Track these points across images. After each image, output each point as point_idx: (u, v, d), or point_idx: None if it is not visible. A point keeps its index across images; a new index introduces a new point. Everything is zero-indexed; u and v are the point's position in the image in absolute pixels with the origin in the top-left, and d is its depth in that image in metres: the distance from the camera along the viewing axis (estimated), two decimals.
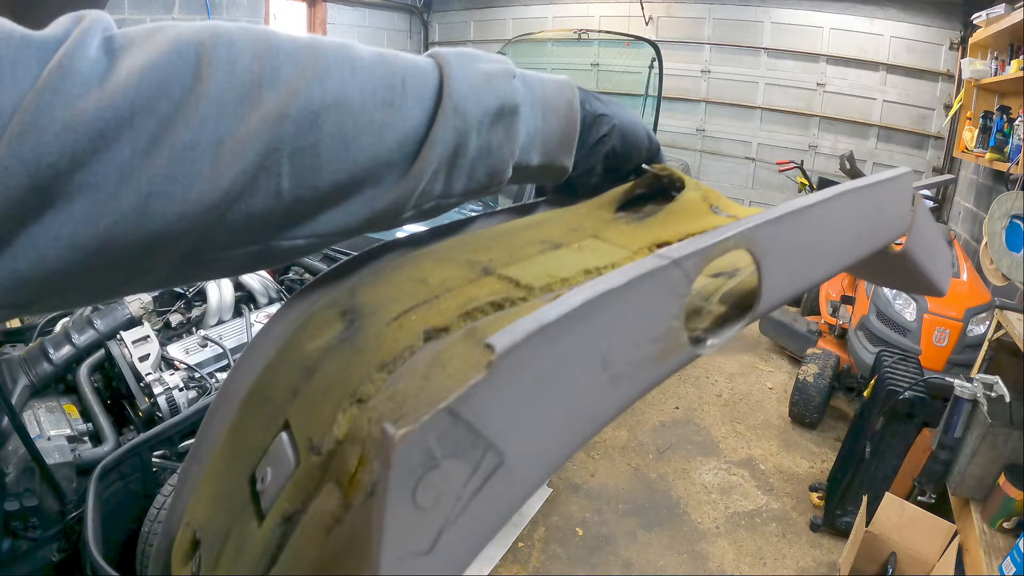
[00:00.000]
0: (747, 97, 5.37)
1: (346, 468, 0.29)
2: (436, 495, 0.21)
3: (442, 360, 0.30)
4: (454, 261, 0.40)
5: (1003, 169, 2.97)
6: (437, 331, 0.33)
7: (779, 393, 3.30)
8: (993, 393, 1.76)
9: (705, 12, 5.37)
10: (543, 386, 0.23)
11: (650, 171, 0.51)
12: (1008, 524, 1.70)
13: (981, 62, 3.50)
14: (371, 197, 0.35)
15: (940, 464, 1.94)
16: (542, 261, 0.40)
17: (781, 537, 2.32)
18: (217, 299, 1.96)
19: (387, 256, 0.44)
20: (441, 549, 0.22)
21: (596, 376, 0.25)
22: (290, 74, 0.30)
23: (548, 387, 0.23)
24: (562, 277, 0.37)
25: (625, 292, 0.25)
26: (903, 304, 2.74)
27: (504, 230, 0.46)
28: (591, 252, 0.42)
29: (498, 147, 0.39)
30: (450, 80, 0.36)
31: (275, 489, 0.33)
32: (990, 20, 3.39)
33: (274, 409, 0.36)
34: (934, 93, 4.68)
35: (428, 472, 0.20)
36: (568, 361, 0.24)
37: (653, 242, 0.43)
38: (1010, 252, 2.21)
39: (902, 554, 1.93)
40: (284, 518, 0.31)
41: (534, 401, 0.23)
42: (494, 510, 0.23)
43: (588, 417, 0.25)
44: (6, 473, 1.34)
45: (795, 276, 0.35)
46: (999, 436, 1.75)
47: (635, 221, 0.47)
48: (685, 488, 2.56)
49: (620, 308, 0.25)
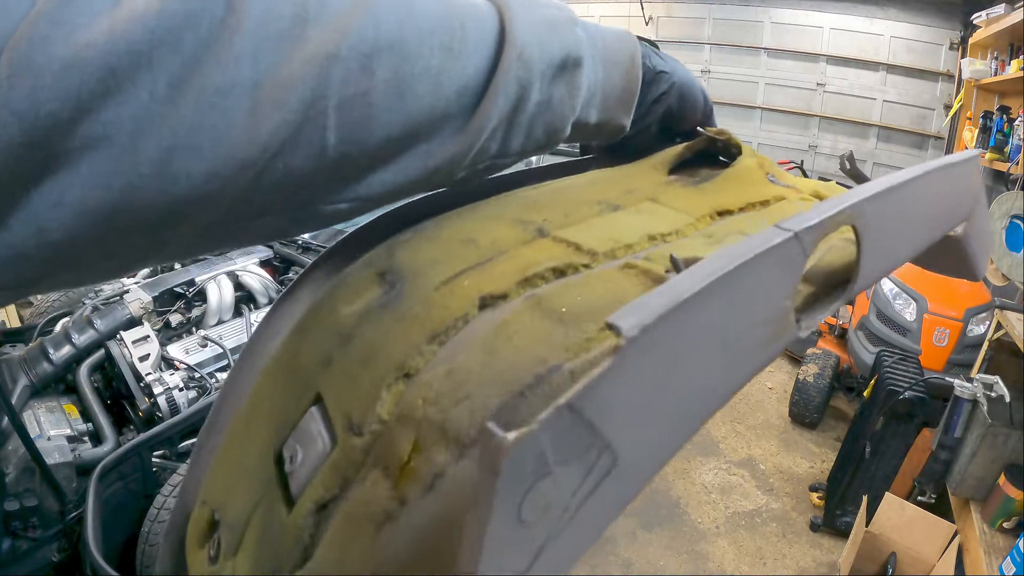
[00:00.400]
0: (747, 97, 5.37)
1: (395, 454, 0.26)
2: (544, 507, 0.17)
3: (507, 332, 0.27)
4: (503, 220, 0.37)
5: (1003, 169, 2.97)
6: (494, 298, 0.30)
7: (779, 393, 3.30)
8: (993, 393, 1.76)
9: (705, 12, 5.37)
10: (666, 374, 0.20)
11: (705, 133, 0.49)
12: (1008, 524, 1.69)
13: (981, 62, 3.50)
14: (425, 154, 0.30)
15: (940, 464, 1.94)
16: (600, 224, 0.38)
17: (781, 537, 2.32)
18: (217, 299, 1.96)
19: (425, 212, 0.40)
20: (538, 567, 0.18)
21: (715, 360, 0.22)
22: (340, 8, 0.26)
23: (670, 375, 0.20)
24: (626, 243, 0.35)
25: (752, 267, 0.23)
26: (903, 304, 2.74)
27: (555, 188, 0.43)
28: (651, 216, 0.39)
29: (559, 102, 0.35)
30: (513, 25, 0.32)
31: (307, 472, 0.29)
32: (990, 20, 3.39)
33: (304, 379, 0.32)
34: (934, 93, 4.68)
35: (539, 481, 0.17)
36: (693, 345, 0.21)
37: (715, 209, 0.41)
38: (1010, 252, 2.20)
39: (902, 554, 1.93)
40: (318, 505, 0.28)
41: (655, 392, 0.20)
42: (599, 519, 0.20)
43: (701, 407, 0.23)
44: (6, 473, 1.34)
45: (889, 254, 0.33)
46: (999, 436, 1.74)
47: (692, 185, 0.45)
48: (685, 488, 2.56)
49: (746, 284, 0.23)
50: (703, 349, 0.22)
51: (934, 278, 2.79)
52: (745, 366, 0.24)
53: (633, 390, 0.19)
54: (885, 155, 4.93)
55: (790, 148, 5.24)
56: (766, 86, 5.27)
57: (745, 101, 5.39)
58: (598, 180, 0.45)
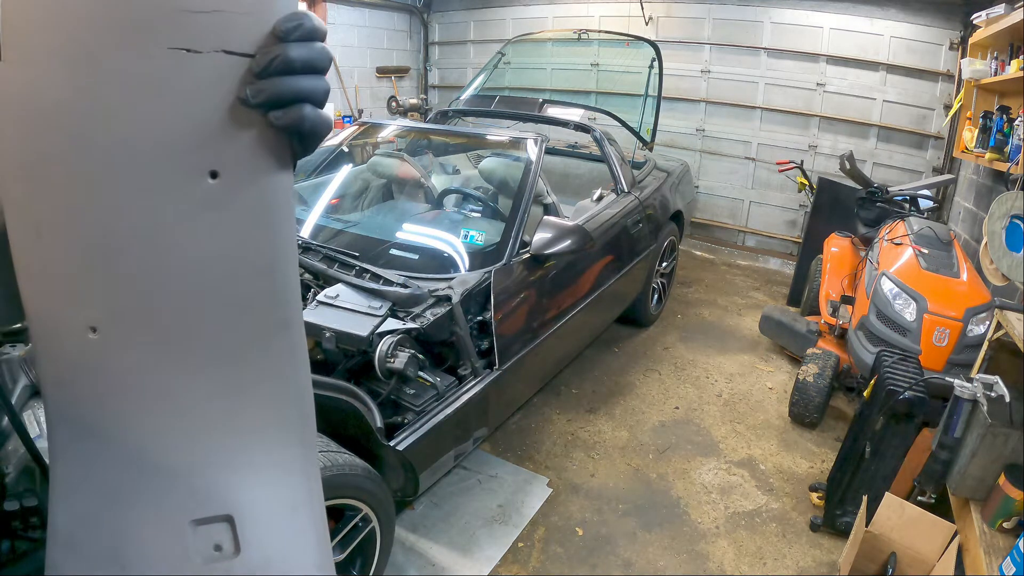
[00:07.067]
0: (747, 97, 5.37)
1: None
2: None
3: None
4: None
5: (1003, 169, 2.97)
6: None
7: (779, 393, 3.31)
8: (993, 393, 1.76)
9: (705, 12, 5.37)
10: None
11: None
12: (1008, 524, 1.70)
13: (981, 62, 3.50)
14: None
15: (940, 464, 1.94)
16: None
17: (781, 537, 2.32)
18: None
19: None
20: None
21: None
22: None
23: None
24: None
25: None
26: (903, 304, 2.74)
27: None
28: None
29: None
30: None
31: None
32: (990, 20, 3.39)
33: None
34: (934, 93, 4.68)
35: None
36: None
37: None
38: (1010, 252, 2.20)
39: (902, 554, 1.93)
40: None
41: None
42: None
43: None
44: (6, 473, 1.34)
45: None
46: (999, 436, 1.75)
47: None
48: (685, 488, 2.56)
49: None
50: None
51: (934, 278, 2.79)
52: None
53: None
54: (885, 155, 4.93)
55: (790, 148, 5.24)
56: (766, 86, 5.27)
57: (745, 101, 5.39)
58: None
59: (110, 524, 0.55)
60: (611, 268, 3.02)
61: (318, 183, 2.92)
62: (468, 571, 2.09)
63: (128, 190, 0.48)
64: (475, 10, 6.70)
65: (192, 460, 0.55)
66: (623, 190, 3.31)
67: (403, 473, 1.89)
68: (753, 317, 4.11)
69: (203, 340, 0.53)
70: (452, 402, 1.96)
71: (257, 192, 0.51)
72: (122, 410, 0.54)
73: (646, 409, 3.10)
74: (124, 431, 0.54)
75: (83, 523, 0.56)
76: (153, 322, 0.51)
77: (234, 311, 0.53)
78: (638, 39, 4.06)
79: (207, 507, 0.55)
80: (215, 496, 0.55)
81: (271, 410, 0.57)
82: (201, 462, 0.55)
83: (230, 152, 0.48)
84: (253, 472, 0.57)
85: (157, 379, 0.53)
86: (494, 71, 4.29)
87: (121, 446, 0.54)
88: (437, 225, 2.63)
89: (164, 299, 0.51)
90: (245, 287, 0.53)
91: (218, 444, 0.55)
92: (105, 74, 0.45)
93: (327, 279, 2.09)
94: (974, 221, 3.89)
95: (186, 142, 0.47)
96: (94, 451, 0.55)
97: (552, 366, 2.78)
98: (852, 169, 3.71)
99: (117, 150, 0.47)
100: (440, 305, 2.02)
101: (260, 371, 0.56)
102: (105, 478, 0.55)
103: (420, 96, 7.05)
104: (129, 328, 0.52)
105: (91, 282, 0.51)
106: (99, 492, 0.55)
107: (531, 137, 2.75)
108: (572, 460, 2.69)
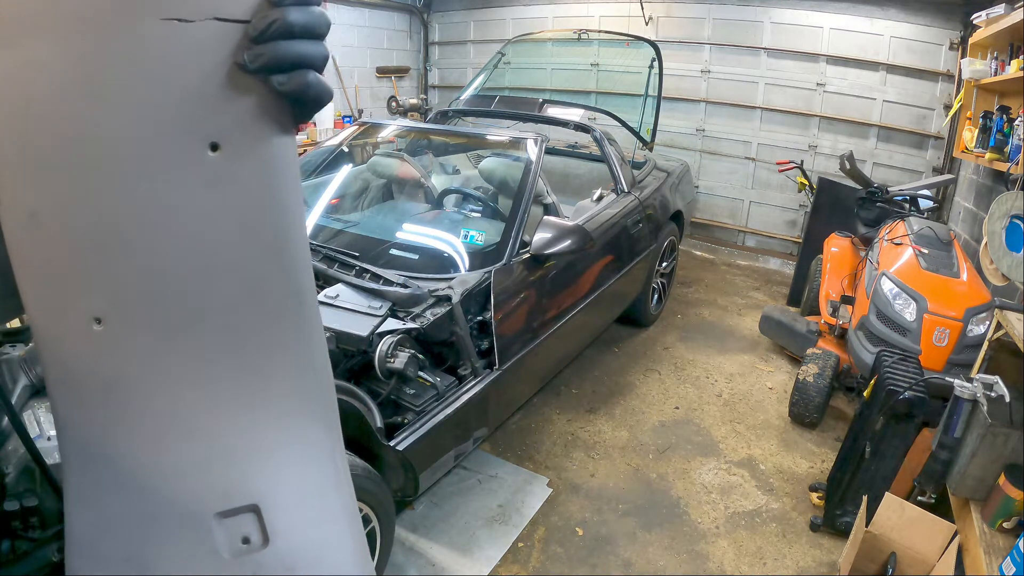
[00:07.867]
0: (747, 97, 5.37)
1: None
2: None
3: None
4: None
5: (1003, 169, 2.97)
6: None
7: (779, 393, 3.31)
8: (993, 393, 1.76)
9: (705, 12, 5.37)
10: None
11: None
12: (1008, 524, 1.69)
13: (981, 62, 3.50)
14: None
15: (940, 464, 1.94)
16: None
17: (781, 537, 2.32)
18: None
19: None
20: None
21: None
22: None
23: None
24: None
25: None
26: (903, 304, 2.73)
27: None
28: None
29: None
30: None
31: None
32: (990, 20, 3.39)
33: None
34: (934, 93, 4.68)
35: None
36: None
37: None
38: (1010, 252, 2.20)
39: (902, 554, 1.93)
40: None
41: None
42: None
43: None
44: (6, 473, 1.34)
45: None
46: (999, 436, 1.74)
47: None
48: (685, 488, 2.56)
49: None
50: None
51: (934, 278, 2.79)
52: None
53: None
54: (885, 155, 4.93)
55: (790, 148, 5.24)
56: (766, 86, 5.27)
57: (745, 101, 5.38)
58: None
59: (130, 526, 0.53)
60: (611, 268, 3.02)
61: (318, 183, 2.92)
62: (468, 571, 2.09)
63: (126, 169, 0.46)
64: (475, 10, 6.70)
65: (211, 450, 0.52)
66: (623, 190, 3.31)
67: (403, 473, 1.89)
68: (753, 317, 4.11)
69: (214, 321, 0.50)
70: (452, 402, 1.96)
71: (261, 161, 0.49)
72: (133, 405, 0.51)
73: (646, 409, 3.10)
74: (137, 427, 0.52)
75: (101, 527, 0.54)
76: (161, 308, 0.49)
77: (245, 288, 0.50)
78: (638, 39, 4.06)
79: (231, 498, 0.53)
80: (238, 486, 0.53)
81: (290, 388, 0.55)
82: (221, 451, 0.52)
83: (230, 121, 0.47)
84: (276, 456, 0.54)
85: (168, 368, 0.50)
86: (494, 71, 4.29)
87: (135, 443, 0.52)
88: (437, 225, 2.63)
89: (171, 283, 0.48)
90: (255, 262, 0.51)
91: (238, 430, 0.53)
92: (96, 50, 0.43)
93: (327, 279, 2.09)
94: (974, 221, 3.89)
95: (184, 115, 0.45)
96: (107, 452, 0.52)
97: (552, 366, 2.78)
98: (852, 169, 3.71)
99: (114, 129, 0.45)
100: (440, 305, 2.02)
101: (276, 347, 0.53)
102: (121, 479, 0.52)
103: (420, 96, 7.05)
104: (135, 317, 0.49)
105: (92, 270, 0.48)
106: (116, 494, 0.53)
107: (531, 137, 2.75)
108: (572, 460, 2.69)
